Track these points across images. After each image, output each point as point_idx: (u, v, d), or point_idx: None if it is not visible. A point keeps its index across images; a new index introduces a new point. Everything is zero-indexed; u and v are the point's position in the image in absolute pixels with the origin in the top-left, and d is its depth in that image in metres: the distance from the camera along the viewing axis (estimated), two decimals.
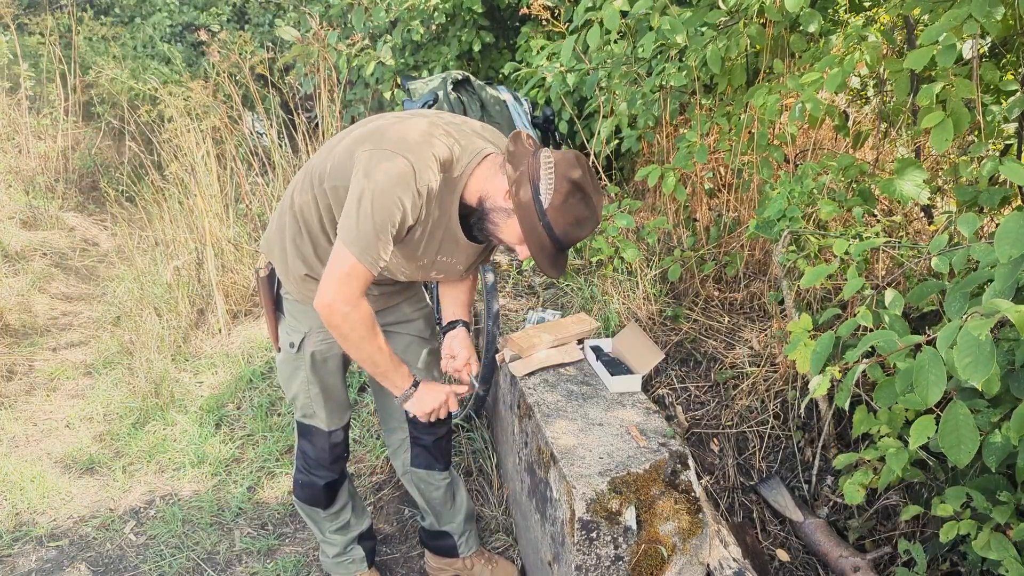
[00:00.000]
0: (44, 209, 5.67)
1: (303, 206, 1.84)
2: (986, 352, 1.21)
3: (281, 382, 2.13)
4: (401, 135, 1.69)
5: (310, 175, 1.82)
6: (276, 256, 1.95)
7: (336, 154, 1.77)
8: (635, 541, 1.93)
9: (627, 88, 3.28)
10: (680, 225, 3.35)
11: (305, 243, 1.87)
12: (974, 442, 1.47)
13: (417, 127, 1.72)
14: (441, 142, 1.70)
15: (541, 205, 1.67)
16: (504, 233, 1.76)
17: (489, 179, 1.74)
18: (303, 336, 1.99)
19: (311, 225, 1.84)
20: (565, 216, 1.68)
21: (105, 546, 2.75)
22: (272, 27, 6.97)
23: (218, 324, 4.09)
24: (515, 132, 1.76)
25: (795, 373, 2.64)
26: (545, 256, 1.71)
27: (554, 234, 1.69)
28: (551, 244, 1.71)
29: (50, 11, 7.12)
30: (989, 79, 2.43)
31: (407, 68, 4.86)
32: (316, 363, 2.03)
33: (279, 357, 2.08)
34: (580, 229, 1.72)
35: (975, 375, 1.21)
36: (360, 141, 1.73)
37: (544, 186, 1.66)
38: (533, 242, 1.69)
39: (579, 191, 1.68)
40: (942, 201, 3.08)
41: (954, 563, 2.22)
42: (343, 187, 1.72)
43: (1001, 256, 1.37)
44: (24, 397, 3.71)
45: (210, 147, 4.53)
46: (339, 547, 2.37)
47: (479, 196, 1.76)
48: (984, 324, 1.20)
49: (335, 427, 2.15)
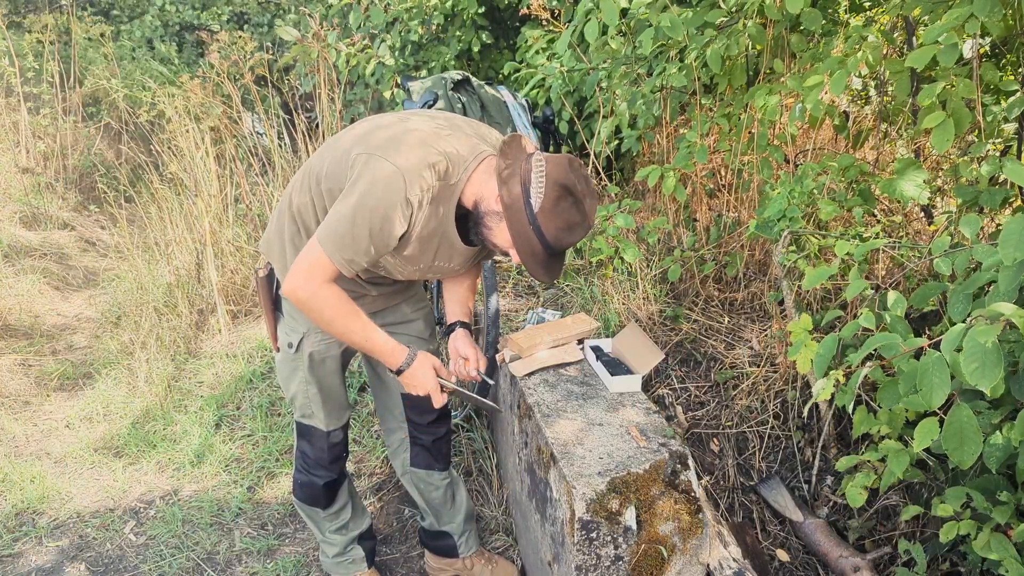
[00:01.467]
0: (44, 209, 5.66)
1: (301, 207, 1.83)
2: (993, 358, 1.21)
3: (280, 382, 2.13)
4: (398, 142, 1.66)
5: (308, 175, 1.82)
6: (275, 256, 1.94)
7: (334, 155, 1.76)
8: (635, 541, 1.93)
9: (627, 88, 3.28)
10: (680, 225, 3.35)
11: (303, 243, 1.86)
12: (977, 444, 1.47)
13: (416, 133, 1.70)
14: (438, 149, 1.67)
15: (532, 209, 1.64)
16: (497, 237, 1.74)
17: (484, 182, 1.72)
18: (301, 336, 1.99)
19: (309, 226, 1.83)
20: (555, 221, 1.66)
21: (105, 546, 2.75)
22: (272, 27, 6.97)
23: (218, 324, 4.09)
24: (512, 135, 1.75)
25: (795, 373, 2.63)
26: (536, 261, 1.69)
27: (544, 239, 1.67)
28: (542, 249, 1.69)
29: (49, 11, 7.11)
30: (989, 79, 2.43)
31: (407, 68, 4.85)
32: (314, 363, 2.03)
33: (278, 357, 2.08)
34: (571, 234, 1.70)
35: (983, 381, 1.21)
36: (357, 142, 1.71)
37: (535, 190, 1.64)
38: (523, 247, 1.67)
39: (570, 195, 1.66)
40: (942, 201, 3.07)
41: (954, 563, 2.21)
42: (338, 189, 1.71)
43: (1005, 259, 1.37)
44: (24, 397, 3.71)
45: (210, 147, 4.53)
46: (339, 547, 2.37)
47: (474, 199, 1.74)
48: (991, 330, 1.20)
49: (334, 427, 2.15)
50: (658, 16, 2.67)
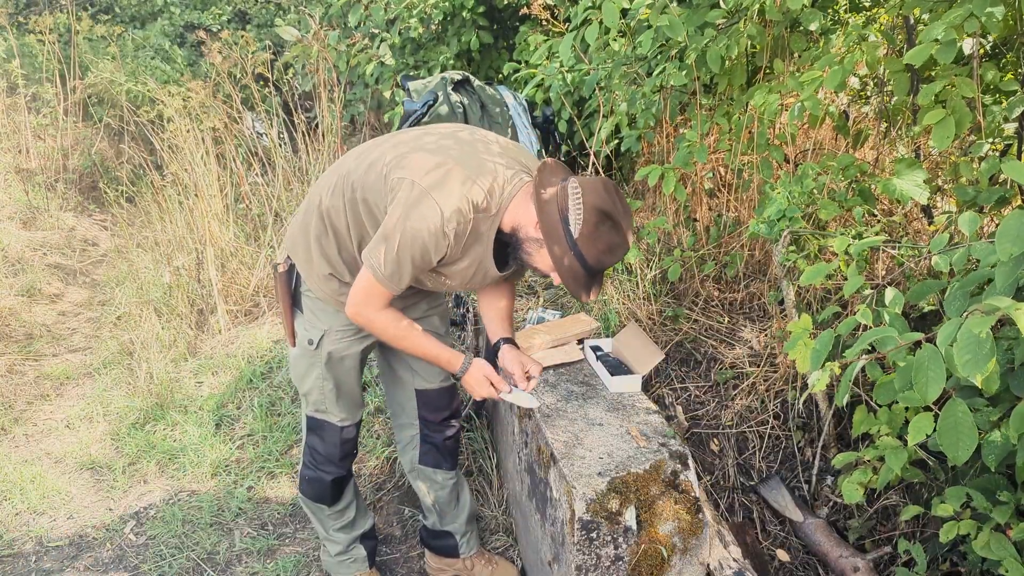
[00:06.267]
0: (44, 209, 5.67)
1: (332, 209, 1.87)
2: (986, 349, 1.21)
3: (294, 377, 2.14)
4: (443, 175, 1.71)
5: (343, 180, 1.85)
6: (300, 253, 1.97)
7: (372, 167, 1.80)
8: (635, 541, 1.93)
9: (627, 88, 3.27)
10: (680, 225, 3.34)
11: (330, 244, 1.90)
12: (973, 440, 1.46)
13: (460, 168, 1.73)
14: (480, 185, 1.73)
15: (571, 236, 1.71)
16: (538, 262, 1.82)
17: (523, 210, 1.79)
18: (322, 334, 2.02)
19: (338, 228, 1.88)
20: (596, 245, 1.72)
21: (105, 546, 2.75)
22: (272, 27, 6.97)
23: (218, 325, 4.09)
24: (544, 161, 1.81)
25: (795, 373, 2.63)
26: (579, 284, 1.76)
27: (586, 263, 1.73)
28: (583, 272, 1.75)
29: (50, 10, 7.11)
30: (989, 79, 2.43)
31: (407, 68, 4.85)
32: (333, 361, 2.06)
33: (294, 352, 2.10)
34: (612, 255, 1.76)
35: (974, 372, 1.21)
36: (398, 164, 1.75)
37: (573, 216, 1.70)
38: (565, 271, 1.74)
39: (608, 219, 1.72)
40: (942, 201, 3.07)
41: (954, 563, 2.21)
42: (373, 202, 1.79)
43: (1002, 254, 1.37)
44: (24, 397, 3.71)
45: (210, 147, 4.53)
46: (342, 545, 2.38)
47: (513, 226, 1.81)
48: (984, 322, 1.19)
49: (347, 423, 2.17)
50: (658, 17, 2.67)
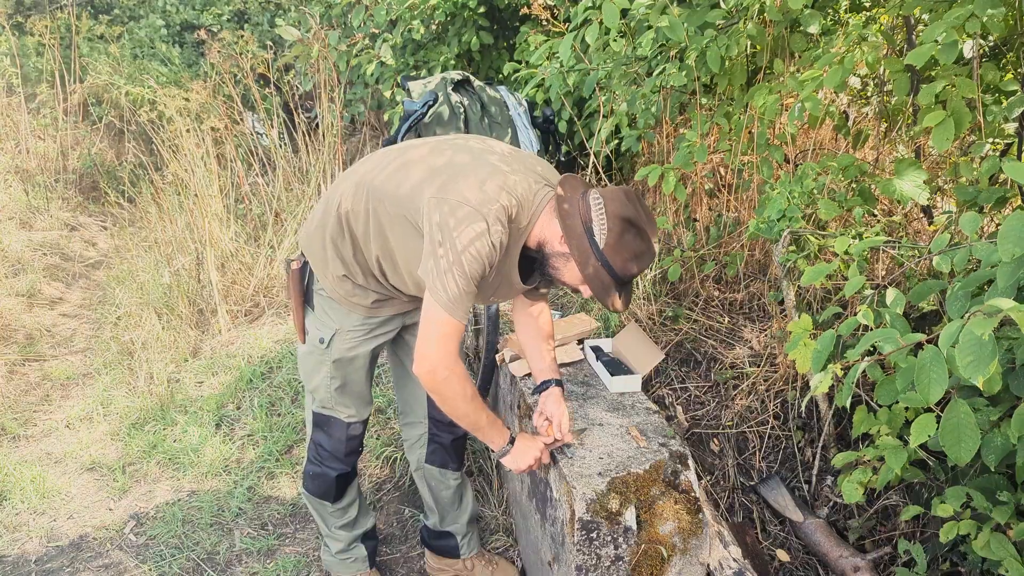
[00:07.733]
0: (44, 209, 5.66)
1: (351, 213, 1.86)
2: (988, 351, 1.21)
3: (302, 373, 2.15)
4: (474, 185, 1.70)
5: (365, 187, 1.84)
6: (315, 252, 1.97)
7: (398, 179, 1.79)
8: (635, 541, 1.92)
9: (627, 88, 3.27)
10: (680, 225, 3.34)
11: (346, 246, 1.90)
12: (975, 440, 1.47)
13: (489, 174, 1.73)
14: (510, 195, 1.72)
15: (597, 247, 1.71)
16: (565, 276, 1.81)
17: (547, 225, 1.79)
18: (333, 333, 2.02)
19: (356, 231, 1.88)
20: (622, 254, 1.73)
21: (105, 546, 2.75)
22: (272, 26, 6.96)
23: (218, 325, 4.09)
24: (564, 175, 1.81)
25: (795, 373, 2.63)
26: (608, 294, 1.76)
27: (614, 272, 1.74)
28: (612, 282, 1.75)
29: (50, 11, 7.12)
30: (990, 79, 2.43)
31: (407, 68, 4.85)
32: (343, 361, 2.06)
33: (303, 349, 2.10)
34: (639, 262, 1.76)
35: (976, 373, 1.21)
36: (430, 180, 1.74)
37: (597, 227, 1.71)
38: (594, 283, 1.74)
39: (633, 227, 1.72)
40: (942, 201, 3.07)
41: (954, 563, 2.21)
42: (402, 216, 1.76)
43: (1004, 255, 1.37)
44: (24, 397, 3.71)
45: (210, 147, 4.53)
46: (343, 544, 2.38)
47: (538, 241, 1.81)
48: (987, 323, 1.19)
49: (355, 419, 2.18)
50: (657, 18, 2.67)
